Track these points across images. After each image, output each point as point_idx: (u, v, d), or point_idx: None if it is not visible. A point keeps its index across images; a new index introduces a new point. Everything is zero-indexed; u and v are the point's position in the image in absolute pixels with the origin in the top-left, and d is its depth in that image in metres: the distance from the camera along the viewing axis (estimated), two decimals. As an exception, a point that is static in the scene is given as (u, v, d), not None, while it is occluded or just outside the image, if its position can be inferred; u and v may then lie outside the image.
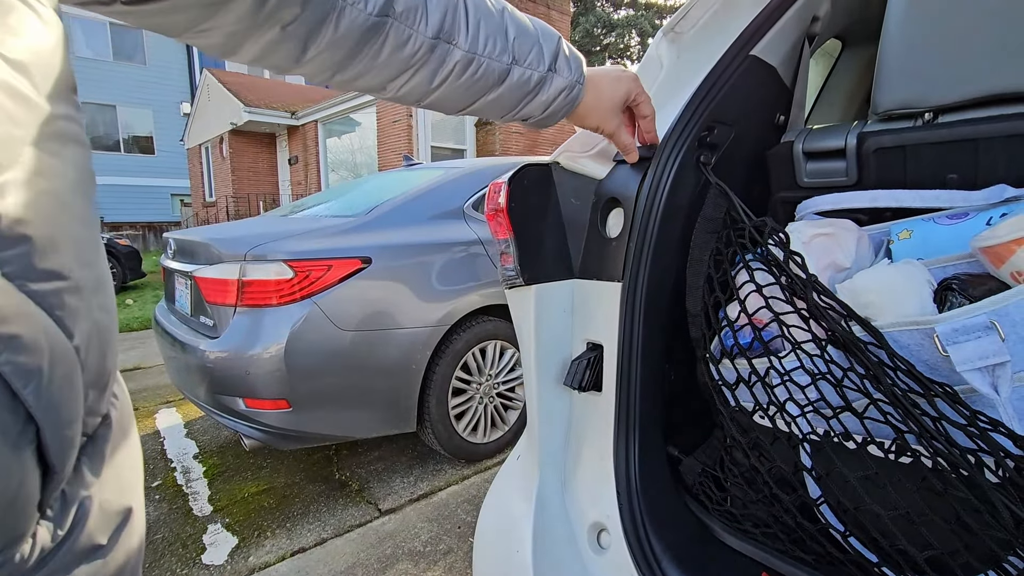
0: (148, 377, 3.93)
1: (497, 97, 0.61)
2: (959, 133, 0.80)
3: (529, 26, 0.62)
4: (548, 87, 0.64)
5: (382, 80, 0.54)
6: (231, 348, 2.05)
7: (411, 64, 0.53)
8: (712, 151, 0.87)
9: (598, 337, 0.84)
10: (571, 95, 0.66)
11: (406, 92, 0.57)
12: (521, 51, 0.60)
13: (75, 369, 0.26)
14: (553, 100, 0.65)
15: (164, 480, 2.42)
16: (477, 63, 0.57)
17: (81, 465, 0.28)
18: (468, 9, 0.55)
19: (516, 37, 0.59)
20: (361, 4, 0.47)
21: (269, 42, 0.46)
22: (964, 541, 0.56)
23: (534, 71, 0.62)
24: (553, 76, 0.64)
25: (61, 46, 0.26)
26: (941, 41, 0.83)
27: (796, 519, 0.67)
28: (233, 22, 0.43)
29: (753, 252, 0.74)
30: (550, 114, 0.67)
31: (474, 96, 0.60)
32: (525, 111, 0.65)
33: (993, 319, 0.57)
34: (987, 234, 0.65)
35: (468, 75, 0.57)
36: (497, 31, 0.58)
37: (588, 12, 22.25)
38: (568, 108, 0.67)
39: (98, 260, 0.29)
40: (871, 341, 0.63)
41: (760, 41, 0.90)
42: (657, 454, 0.84)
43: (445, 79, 0.56)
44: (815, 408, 0.65)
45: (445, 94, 0.58)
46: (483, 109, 0.63)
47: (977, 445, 0.56)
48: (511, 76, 0.60)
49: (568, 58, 0.65)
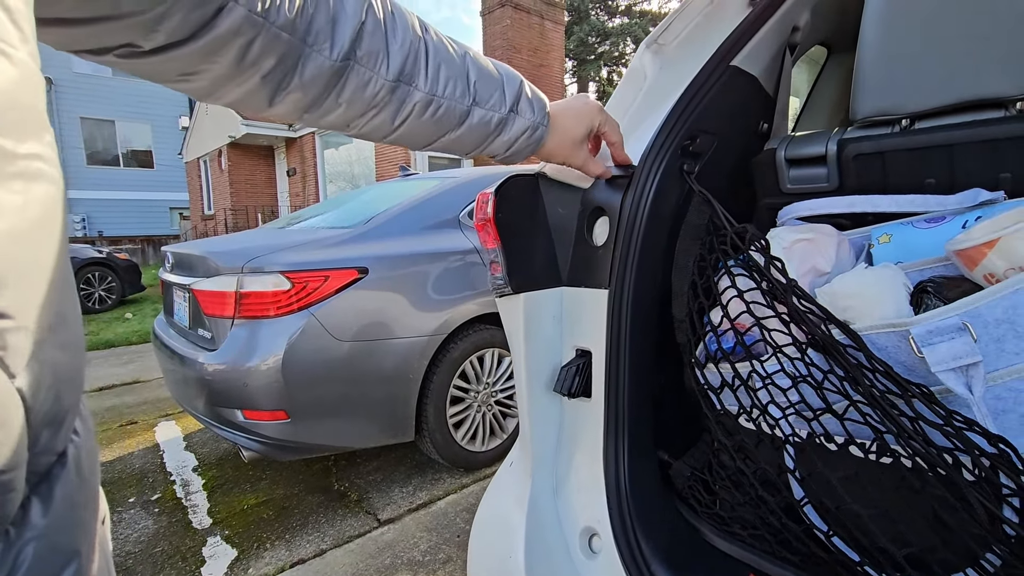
0: (147, 390, 3.93)
1: (459, 136, 0.64)
2: (935, 139, 0.82)
3: (492, 70, 0.65)
4: (510, 128, 0.67)
5: (348, 118, 0.57)
6: (229, 360, 2.06)
7: (373, 104, 0.57)
8: (695, 160, 0.89)
9: (586, 344, 0.85)
10: (534, 136, 0.69)
11: (370, 130, 0.60)
12: (482, 94, 0.63)
13: (15, 412, 0.24)
14: (515, 140, 0.68)
15: (163, 493, 2.42)
16: (437, 104, 0.60)
17: (30, 505, 0.27)
18: (428, 53, 0.58)
19: (477, 80, 0.63)
20: (326, 50, 0.50)
21: (248, 88, 0.49)
22: (942, 538, 0.57)
23: (495, 112, 0.65)
24: (515, 117, 0.67)
25: (32, 85, 0.26)
26: (916, 49, 0.85)
27: (781, 520, 0.68)
28: (219, 70, 0.46)
29: (735, 258, 0.76)
30: (514, 152, 0.70)
31: (436, 134, 0.63)
32: (489, 149, 0.69)
33: (966, 320, 0.59)
34: (961, 238, 0.66)
35: (429, 115, 0.60)
36: (458, 74, 0.61)
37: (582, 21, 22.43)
38: (532, 147, 0.71)
39: (61, 297, 0.28)
40: (850, 344, 0.64)
41: (741, 51, 0.92)
42: (647, 458, 0.85)
43: (406, 118, 0.59)
44: (796, 410, 0.67)
45: (408, 132, 0.61)
46: (447, 146, 0.66)
47: (953, 444, 0.57)
48: (471, 117, 0.63)
49: (531, 100, 0.68)
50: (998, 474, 0.56)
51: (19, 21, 0.25)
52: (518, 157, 0.71)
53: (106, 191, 17.08)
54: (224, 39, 0.44)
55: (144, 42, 0.42)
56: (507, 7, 9.67)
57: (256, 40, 0.46)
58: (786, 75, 1.07)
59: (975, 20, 0.81)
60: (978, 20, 0.80)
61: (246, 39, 0.45)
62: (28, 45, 0.26)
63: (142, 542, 2.05)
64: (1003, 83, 0.77)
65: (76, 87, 16.10)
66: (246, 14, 0.44)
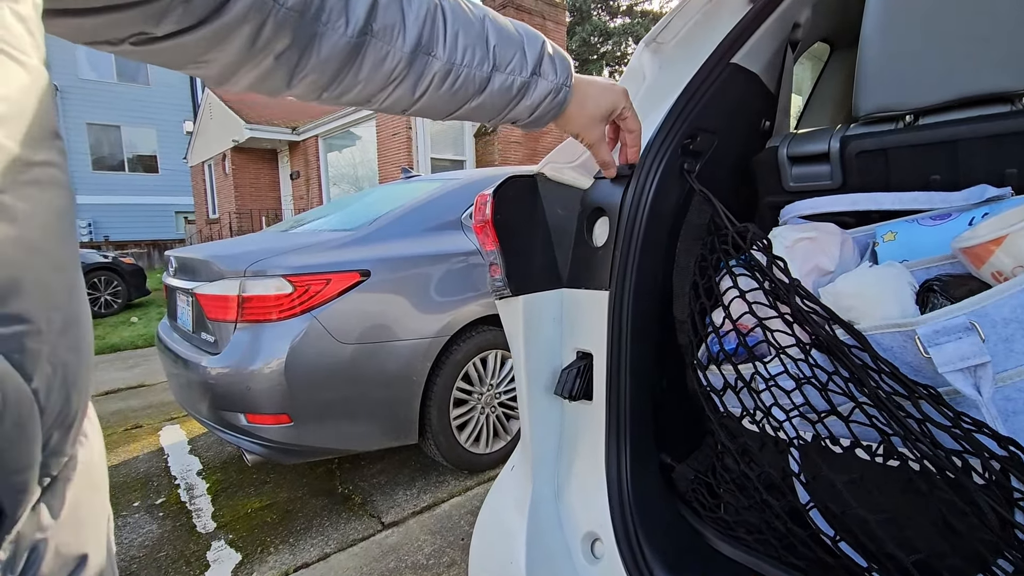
0: (152, 394, 3.95)
1: (480, 104, 0.62)
2: (939, 135, 0.80)
3: (512, 31, 0.63)
4: (533, 91, 0.65)
5: (367, 94, 0.56)
6: (232, 364, 2.06)
7: (392, 78, 0.55)
8: (696, 158, 0.88)
9: (587, 346, 0.84)
10: (557, 98, 0.67)
11: (391, 103, 0.59)
12: (502, 58, 0.61)
13: (31, 413, 0.25)
14: (539, 104, 0.66)
15: (168, 497, 2.42)
16: (456, 72, 0.58)
17: (40, 506, 0.28)
18: (447, 20, 0.56)
19: (497, 44, 0.60)
20: (341, 27, 0.49)
21: (263, 70, 0.49)
22: (951, 544, 0.56)
23: (516, 76, 0.62)
24: (538, 80, 0.64)
25: (44, 94, 0.26)
26: (919, 44, 0.83)
27: (786, 525, 0.67)
28: (232, 54, 0.46)
29: (737, 258, 0.75)
30: (537, 117, 0.68)
31: (458, 103, 0.62)
32: (512, 115, 0.66)
33: (973, 320, 0.57)
34: (967, 235, 0.65)
35: (448, 85, 0.58)
36: (476, 40, 0.59)
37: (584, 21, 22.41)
38: (556, 111, 0.68)
39: (70, 301, 0.29)
40: (855, 344, 0.63)
41: (741, 49, 0.91)
42: (649, 461, 0.84)
43: (426, 90, 0.58)
44: (800, 413, 0.66)
45: (428, 103, 0.60)
46: (469, 114, 0.64)
47: (962, 447, 0.56)
48: (492, 83, 0.61)
49: (553, 59, 0.66)
50: (1009, 478, 0.55)
51: (32, 29, 0.25)
52: (541, 122, 0.70)
53: (112, 196, 17.18)
54: (234, 23, 0.44)
55: (155, 29, 0.42)
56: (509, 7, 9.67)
57: (267, 23, 0.45)
58: (788, 72, 1.05)
59: (977, 14, 0.79)
60: (980, 14, 0.79)
61: (257, 22, 0.45)
62: (40, 51, 0.26)
63: (146, 546, 2.05)
64: (1007, 77, 0.76)
65: (82, 93, 16.21)
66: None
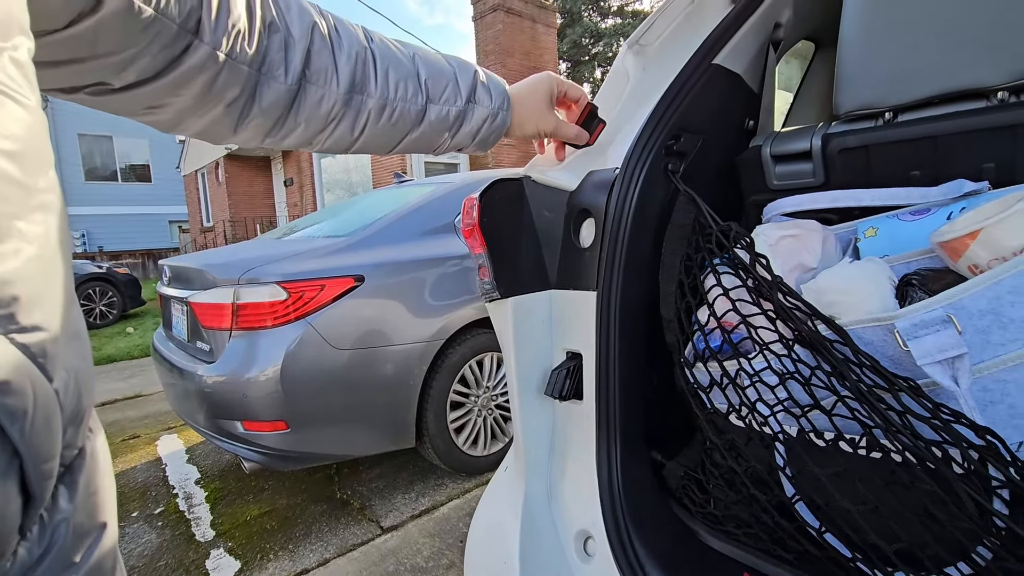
0: (149, 404, 3.94)
1: (421, 135, 0.65)
2: (918, 131, 0.82)
3: (443, 64, 0.66)
4: (471, 118, 0.68)
5: (309, 135, 0.59)
6: (228, 372, 2.06)
7: (331, 119, 0.58)
8: (680, 159, 0.89)
9: (576, 346, 0.85)
10: (495, 123, 0.70)
11: (333, 142, 0.62)
12: (436, 90, 0.64)
13: (55, 410, 0.29)
14: (478, 129, 0.69)
15: (167, 507, 2.42)
16: (391, 107, 0.61)
17: (58, 493, 0.31)
18: (376, 61, 0.59)
19: (428, 78, 0.63)
20: (280, 75, 0.53)
21: (212, 118, 0.51)
22: (933, 533, 0.57)
23: (451, 106, 0.66)
24: (474, 107, 0.68)
25: (43, 130, 0.30)
26: (896, 42, 0.85)
27: (774, 518, 0.68)
28: (184, 102, 0.48)
29: (721, 256, 0.76)
30: (481, 140, 0.71)
31: (398, 136, 0.64)
32: (455, 142, 0.69)
33: (950, 313, 0.58)
34: (944, 229, 0.66)
35: (385, 120, 0.61)
36: (408, 76, 0.62)
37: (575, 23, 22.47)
38: (498, 132, 0.72)
39: (72, 312, 0.32)
40: (836, 339, 0.64)
41: (723, 49, 0.92)
42: (640, 459, 0.85)
43: (364, 126, 0.61)
44: (784, 408, 0.67)
45: (369, 139, 0.63)
46: (412, 146, 0.67)
47: (941, 437, 0.57)
48: (428, 114, 0.64)
49: (487, 86, 0.69)
50: (987, 466, 0.56)
51: (28, 74, 0.29)
52: (486, 145, 0.72)
53: (105, 206, 17.11)
54: (190, 75, 0.47)
55: (115, 80, 0.44)
56: (499, 11, 9.69)
57: (220, 74, 0.48)
58: (770, 72, 1.07)
59: (954, 11, 0.81)
60: (957, 11, 0.80)
61: (211, 74, 0.47)
62: (35, 93, 0.29)
63: (145, 556, 2.05)
64: (983, 73, 0.77)
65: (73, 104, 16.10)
66: (210, 51, 0.46)
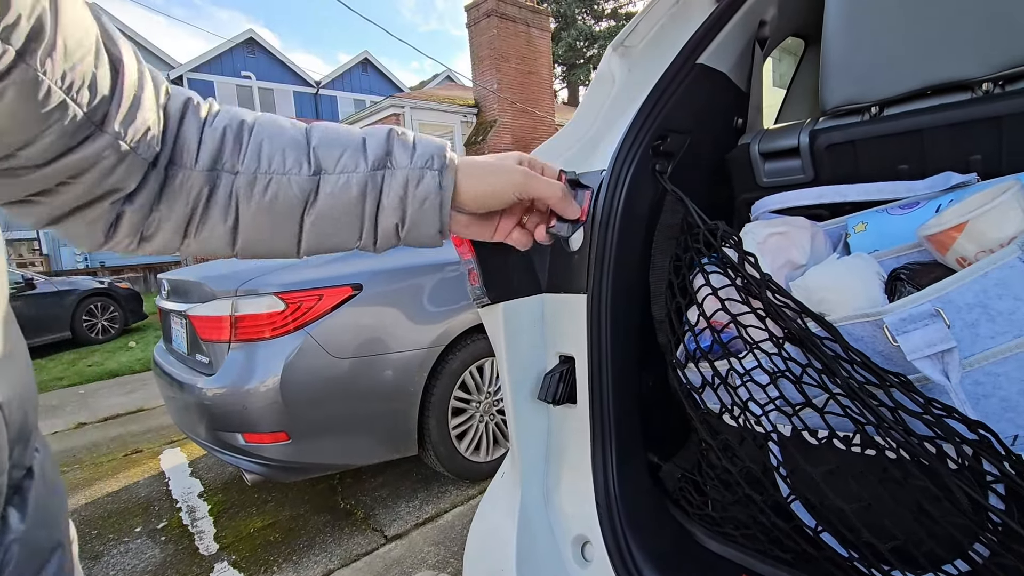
0: (152, 418, 3.94)
1: (322, 218, 0.51)
2: (904, 125, 0.82)
3: (345, 132, 0.53)
4: (389, 187, 0.52)
5: (174, 229, 0.48)
6: (228, 384, 2.06)
7: (195, 204, 0.48)
8: (668, 159, 0.89)
9: (569, 350, 0.85)
10: (422, 186, 0.52)
11: (207, 236, 0.50)
12: (328, 157, 0.51)
13: (1, 425, 0.29)
14: (403, 198, 0.52)
15: (170, 521, 2.42)
16: (263, 181, 0.49)
17: (8, 513, 0.31)
18: (250, 133, 0.50)
19: (319, 145, 0.51)
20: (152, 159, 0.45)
21: (91, 219, 0.45)
22: (928, 530, 0.56)
23: (351, 174, 0.51)
24: (391, 173, 0.52)
25: None
26: (880, 36, 0.85)
27: (770, 518, 0.68)
28: (69, 195, 0.42)
29: (709, 256, 0.76)
30: (416, 220, 0.53)
31: (288, 220, 0.51)
32: (383, 227, 0.53)
33: (938, 306, 0.58)
34: (931, 223, 0.66)
35: (259, 197, 0.49)
36: (288, 145, 0.50)
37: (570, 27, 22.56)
38: (434, 203, 0.52)
39: (11, 331, 0.33)
40: (826, 336, 0.64)
41: (707, 49, 0.92)
42: (636, 462, 0.85)
43: (235, 209, 0.49)
44: (776, 406, 0.66)
45: (250, 227, 0.50)
46: (322, 238, 0.53)
47: (934, 432, 0.57)
48: (322, 187, 0.50)
49: (408, 145, 0.53)
50: (980, 461, 0.55)
51: None
52: (428, 227, 0.53)
53: (106, 222, 17.15)
54: (79, 166, 0.40)
55: None
56: (493, 17, 9.74)
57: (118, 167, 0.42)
58: (757, 70, 1.07)
59: (936, 4, 0.81)
60: (939, 4, 0.80)
61: (108, 164, 0.41)
62: None
63: (149, 571, 2.04)
64: (967, 65, 0.77)
65: (72, 121, 16.22)
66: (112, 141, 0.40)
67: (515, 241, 0.62)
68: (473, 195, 0.55)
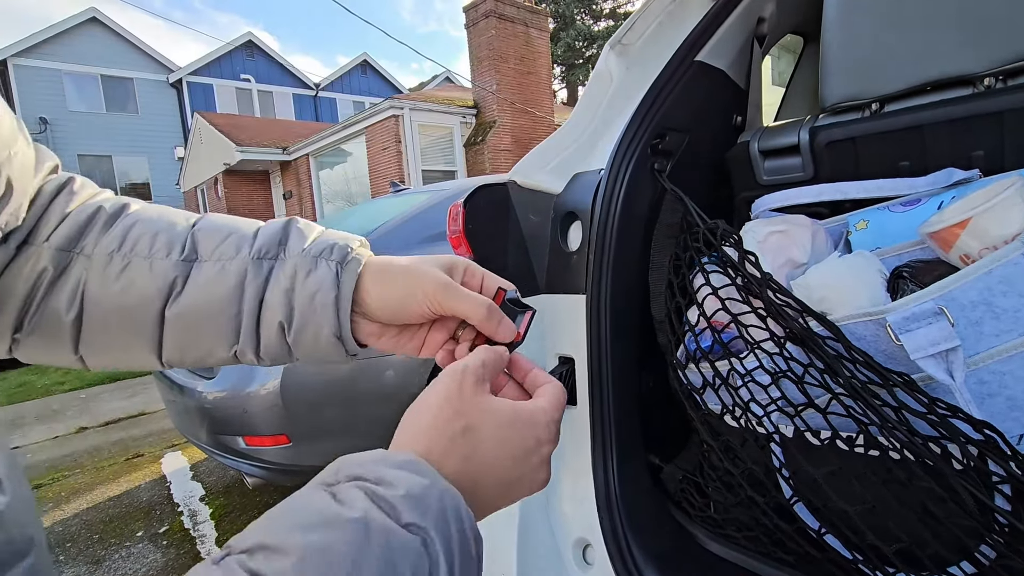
0: (153, 422, 3.93)
1: (185, 313, 0.41)
2: (904, 121, 0.81)
3: (239, 220, 0.46)
4: (278, 276, 0.43)
5: (6, 317, 0.40)
6: (227, 387, 2.06)
7: (36, 284, 0.40)
8: (666, 158, 0.88)
9: (568, 351, 0.84)
10: (314, 276, 0.42)
11: (43, 331, 0.41)
12: (207, 243, 0.43)
13: None
14: (290, 289, 0.42)
15: (171, 525, 2.41)
16: (119, 264, 0.41)
17: None
18: (125, 215, 0.43)
19: (201, 230, 0.43)
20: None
21: None
22: (933, 532, 0.55)
23: (229, 261, 0.42)
24: (280, 264, 0.43)
25: None
26: (879, 32, 0.84)
27: (773, 520, 0.67)
28: None
29: (709, 255, 0.75)
30: (307, 321, 0.42)
31: (143, 319, 0.41)
32: (265, 325, 0.43)
33: (941, 305, 0.57)
34: (934, 219, 0.65)
35: (109, 283, 0.40)
36: (161, 230, 0.42)
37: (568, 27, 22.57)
38: (326, 298, 0.42)
39: None
40: (828, 335, 0.63)
41: (705, 46, 0.91)
42: (637, 463, 0.84)
43: (81, 299, 0.41)
44: (778, 407, 0.65)
45: (97, 325, 0.41)
46: (187, 340, 0.43)
47: (939, 433, 0.56)
48: (193, 277, 0.42)
49: (307, 234, 0.45)
50: (986, 461, 0.54)
51: None
52: (317, 327, 0.43)
53: (107, 225, 17.19)
54: None
55: None
56: (491, 18, 9.73)
57: None
58: (756, 67, 1.06)
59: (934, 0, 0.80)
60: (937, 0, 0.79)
61: None
62: None
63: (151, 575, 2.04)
64: (968, 60, 0.76)
65: (72, 125, 16.28)
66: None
67: (442, 361, 0.45)
68: (381, 302, 0.43)
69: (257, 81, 19.39)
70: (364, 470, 0.28)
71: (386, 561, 0.24)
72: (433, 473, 0.29)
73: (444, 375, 0.36)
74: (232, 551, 0.24)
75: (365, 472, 0.28)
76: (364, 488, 0.27)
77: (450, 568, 0.26)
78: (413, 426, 0.34)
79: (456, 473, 0.31)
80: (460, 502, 0.29)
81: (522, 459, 0.35)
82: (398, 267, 0.44)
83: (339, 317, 0.42)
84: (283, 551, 0.23)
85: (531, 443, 0.35)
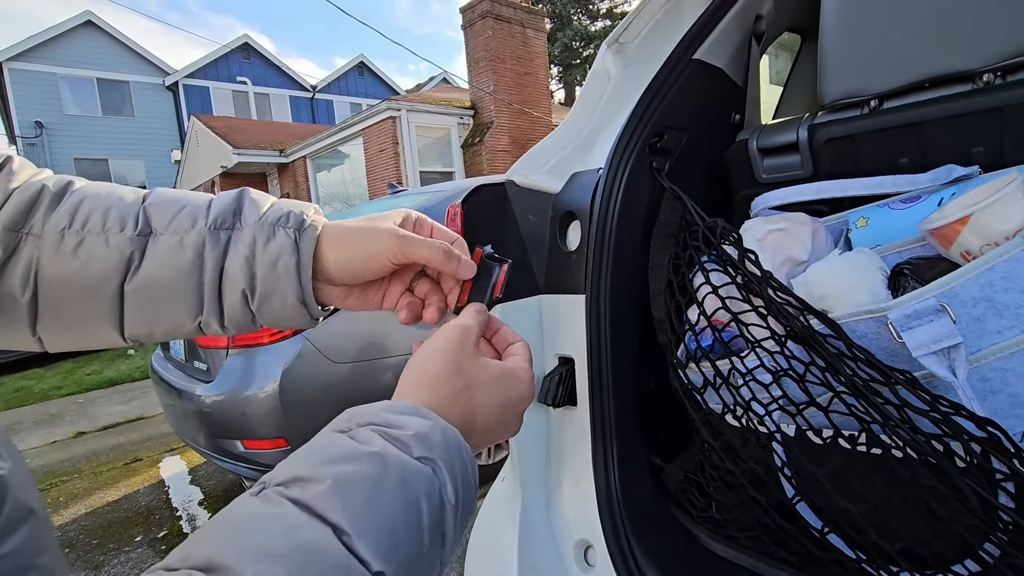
0: (151, 426, 3.92)
1: (145, 287, 0.42)
2: (904, 118, 0.81)
3: (189, 193, 0.46)
4: (235, 247, 0.43)
5: None
6: (226, 391, 2.05)
7: None
8: (665, 156, 0.87)
9: (568, 351, 0.84)
10: (273, 243, 0.43)
11: None
12: (161, 216, 0.43)
13: None
14: (250, 258, 0.43)
15: (170, 529, 2.40)
16: (73, 240, 0.40)
17: None
18: (71, 193, 0.43)
19: (152, 204, 0.43)
20: None
21: None
22: (936, 530, 0.55)
23: (185, 234, 0.42)
24: (237, 233, 0.43)
25: None
26: (876, 29, 0.84)
27: (775, 520, 0.66)
28: None
29: (709, 254, 0.74)
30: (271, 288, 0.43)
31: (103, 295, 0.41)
32: (227, 294, 0.43)
33: (943, 301, 0.57)
34: (934, 216, 0.65)
35: (65, 262, 0.40)
36: (115, 204, 0.42)
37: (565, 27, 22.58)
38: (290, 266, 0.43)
39: None
40: (829, 333, 0.62)
41: (703, 44, 0.91)
42: (638, 464, 0.83)
43: (35, 278, 0.40)
44: (780, 406, 0.65)
45: (56, 304, 0.41)
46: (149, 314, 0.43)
47: (941, 430, 0.56)
48: (149, 250, 0.42)
49: (261, 203, 0.45)
50: (990, 459, 0.54)
51: None
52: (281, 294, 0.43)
53: (104, 230, 17.14)
54: None
55: None
56: (488, 18, 9.73)
57: None
58: (754, 65, 1.06)
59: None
60: None
61: None
62: None
63: (149, 581, 2.03)
64: (967, 56, 0.76)
65: (68, 129, 16.24)
66: None
67: (403, 316, 0.48)
68: (341, 263, 0.45)
69: (253, 83, 19.36)
70: (375, 417, 0.33)
71: (403, 482, 0.29)
72: (434, 416, 0.34)
73: (447, 333, 0.41)
74: (267, 485, 0.28)
75: (375, 419, 0.33)
76: (378, 430, 0.32)
77: (455, 488, 0.32)
78: (418, 377, 0.39)
79: (455, 419, 0.36)
80: (460, 438, 0.35)
81: (506, 410, 0.41)
82: (353, 229, 0.46)
83: (301, 282, 0.44)
84: (316, 480, 0.28)
85: (515, 397, 0.41)
